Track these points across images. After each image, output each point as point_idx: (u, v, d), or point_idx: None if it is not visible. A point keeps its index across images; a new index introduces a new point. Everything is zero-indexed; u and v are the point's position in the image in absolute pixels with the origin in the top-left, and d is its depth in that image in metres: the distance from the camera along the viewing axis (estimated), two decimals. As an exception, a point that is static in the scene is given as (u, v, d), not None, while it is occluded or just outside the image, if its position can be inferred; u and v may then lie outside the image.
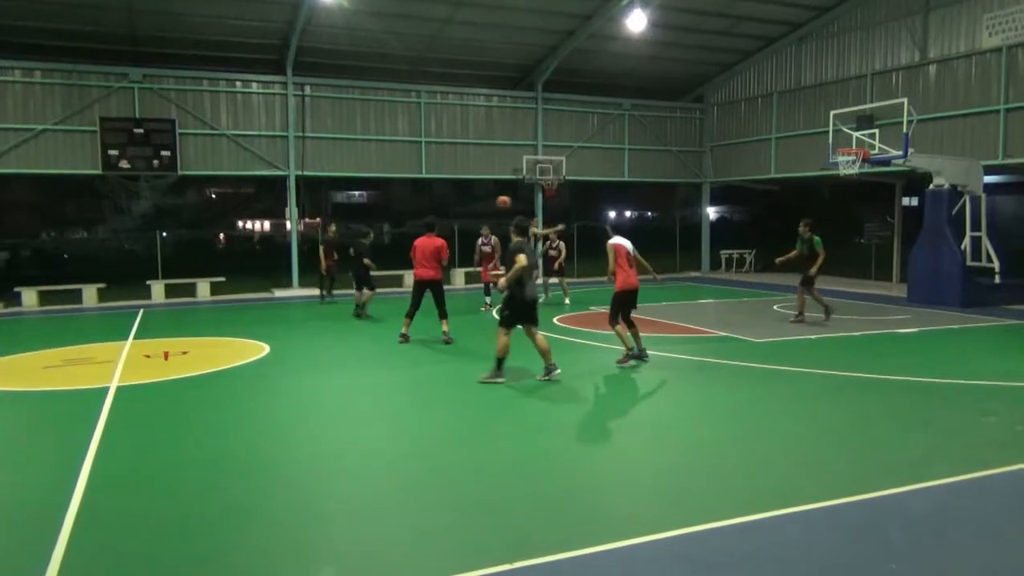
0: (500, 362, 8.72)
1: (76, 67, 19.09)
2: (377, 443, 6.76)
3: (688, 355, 10.46)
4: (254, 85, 20.95)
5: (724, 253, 26.57)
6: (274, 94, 21.07)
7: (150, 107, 19.70)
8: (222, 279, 20.68)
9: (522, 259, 8.45)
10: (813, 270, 13.02)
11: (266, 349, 11.33)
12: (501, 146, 23.65)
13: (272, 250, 25.22)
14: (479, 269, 16.83)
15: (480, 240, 16.36)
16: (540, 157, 23.72)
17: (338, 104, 21.78)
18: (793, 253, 13.34)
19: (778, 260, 13.49)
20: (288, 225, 21.63)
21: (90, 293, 19.02)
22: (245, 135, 20.70)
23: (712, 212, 28.12)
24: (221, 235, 26.12)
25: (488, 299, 15.84)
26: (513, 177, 23.75)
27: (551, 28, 21.41)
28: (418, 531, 4.68)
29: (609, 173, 25.52)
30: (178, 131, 19.69)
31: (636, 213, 47.46)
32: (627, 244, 9.62)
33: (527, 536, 4.52)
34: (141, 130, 19.27)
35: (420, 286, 11.51)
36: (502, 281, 8.65)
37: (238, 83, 20.79)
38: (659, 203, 42.70)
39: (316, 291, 18.30)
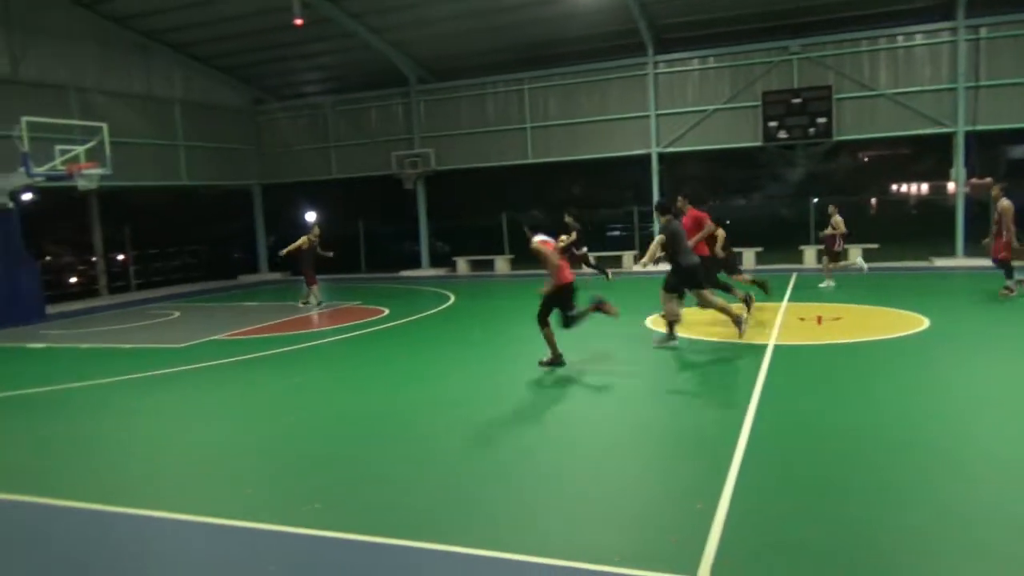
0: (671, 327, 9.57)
1: (742, 48, 20.81)
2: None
3: None
4: (917, 37, 19.39)
5: None
6: (941, 43, 19.13)
7: (808, 76, 20.16)
8: (875, 246, 20.07)
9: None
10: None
11: (925, 323, 10.56)
12: None
13: (931, 215, 23.21)
14: None
15: None
16: None
17: (1021, 43, 18.51)
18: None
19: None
20: (951, 187, 19.56)
21: (748, 256, 20.75)
22: (905, 92, 19.40)
23: None
24: (873, 200, 25.25)
25: None
26: None
27: None
28: None
29: None
30: (834, 97, 19.69)
31: None
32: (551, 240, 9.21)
33: None
34: (799, 100, 19.92)
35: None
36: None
37: (899, 37, 19.54)
38: None
39: (987, 263, 15.79)
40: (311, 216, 25.88)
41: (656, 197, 21.88)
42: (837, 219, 15.28)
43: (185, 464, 6.24)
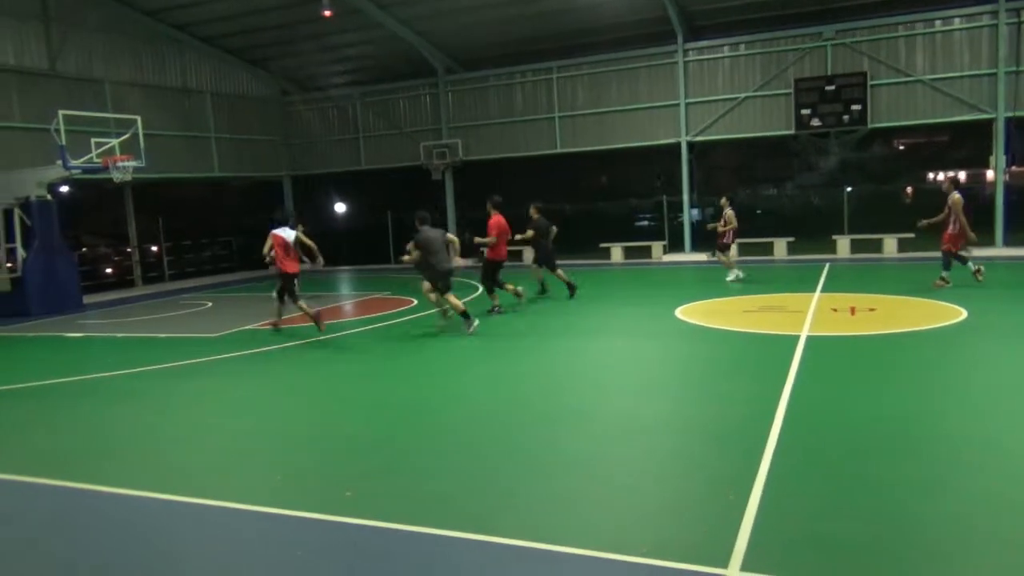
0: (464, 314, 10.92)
1: (774, 35, 20.47)
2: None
3: None
4: (956, 21, 18.92)
5: None
6: (980, 27, 18.64)
7: (842, 62, 19.79)
8: (911, 235, 19.66)
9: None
10: None
11: (963, 314, 10.34)
12: None
13: (968, 204, 22.65)
14: None
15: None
16: None
17: (1067, 25, 17.97)
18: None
19: None
20: (990, 175, 19.10)
21: (780, 246, 20.54)
22: (943, 78, 18.97)
23: None
24: (908, 189, 24.75)
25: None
26: None
27: None
28: None
29: None
30: (869, 83, 19.31)
31: None
32: (286, 234, 11.38)
33: None
34: (832, 87, 19.58)
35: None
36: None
37: (937, 22, 19.08)
38: None
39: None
40: (340, 207, 26.06)
41: (686, 186, 21.72)
42: (728, 212, 15.13)
43: (217, 451, 6.33)
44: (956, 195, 12.75)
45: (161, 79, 22.47)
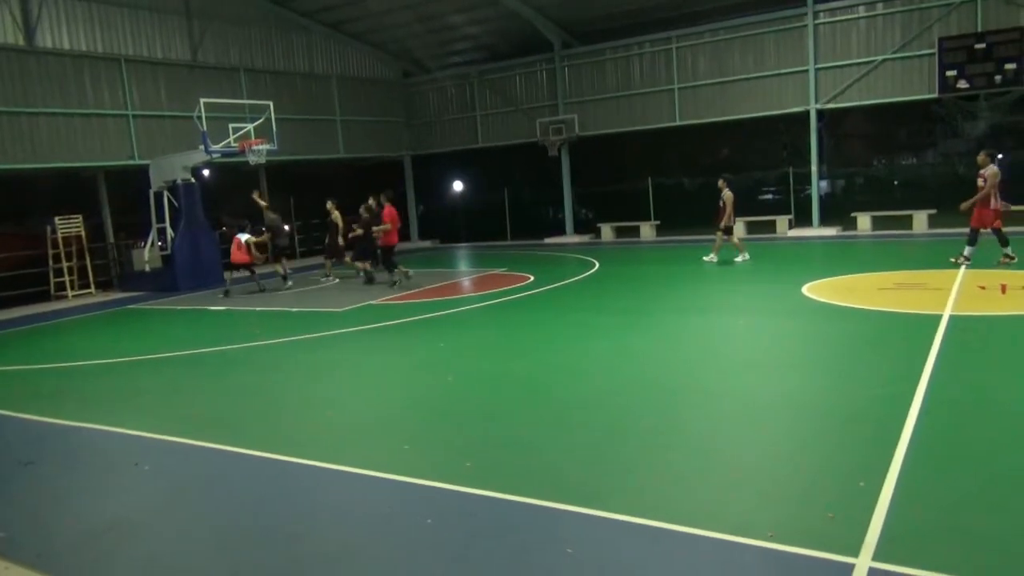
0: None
1: (917, -10, 18.97)
2: None
3: None
4: None
5: None
6: None
7: (995, 17, 18.08)
8: (1070, 207, 17.84)
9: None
10: None
11: None
12: None
13: None
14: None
15: None
16: None
17: None
18: None
19: None
20: None
21: (919, 219, 19.20)
22: (1117, 29, 16.99)
23: None
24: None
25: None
26: None
27: None
28: None
29: None
30: (1028, 38, 17.57)
31: None
32: (241, 236, 15.72)
33: None
34: (983, 45, 17.94)
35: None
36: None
37: (1112, -35, 17.07)
38: None
39: None
40: (457, 185, 26.46)
41: (815, 156, 20.68)
42: (727, 194, 14.96)
43: (346, 419, 6.64)
44: (993, 168, 12.30)
45: (290, 65, 23.55)
